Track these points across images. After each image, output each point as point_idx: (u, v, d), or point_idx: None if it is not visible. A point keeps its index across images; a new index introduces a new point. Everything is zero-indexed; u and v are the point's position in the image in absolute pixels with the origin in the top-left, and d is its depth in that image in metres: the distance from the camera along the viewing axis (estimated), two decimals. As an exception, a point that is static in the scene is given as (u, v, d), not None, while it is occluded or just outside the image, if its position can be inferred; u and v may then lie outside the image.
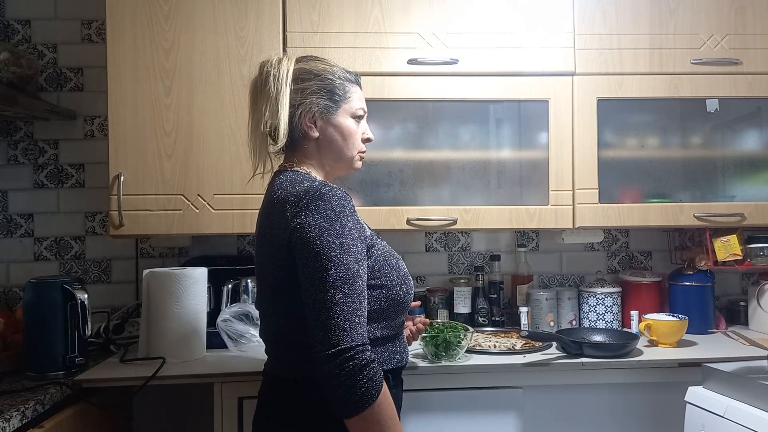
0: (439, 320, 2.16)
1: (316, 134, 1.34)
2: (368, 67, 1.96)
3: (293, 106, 1.32)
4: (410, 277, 1.39)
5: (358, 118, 1.40)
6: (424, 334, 1.83)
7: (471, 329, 1.89)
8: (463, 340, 1.82)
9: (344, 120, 1.37)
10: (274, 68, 1.31)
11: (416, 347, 1.93)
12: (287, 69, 1.32)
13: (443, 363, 1.80)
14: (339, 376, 1.12)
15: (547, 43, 2.02)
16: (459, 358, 1.83)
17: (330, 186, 1.24)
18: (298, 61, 1.36)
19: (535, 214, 2.02)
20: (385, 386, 1.18)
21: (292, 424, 1.26)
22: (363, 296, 1.19)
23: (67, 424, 1.57)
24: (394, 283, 1.31)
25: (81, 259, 2.30)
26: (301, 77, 1.33)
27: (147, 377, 1.69)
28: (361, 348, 1.14)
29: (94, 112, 2.29)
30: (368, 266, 1.26)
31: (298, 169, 1.34)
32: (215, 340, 1.91)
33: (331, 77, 1.36)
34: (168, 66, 1.92)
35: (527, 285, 2.30)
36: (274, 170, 1.40)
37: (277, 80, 1.30)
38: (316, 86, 1.34)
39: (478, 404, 1.80)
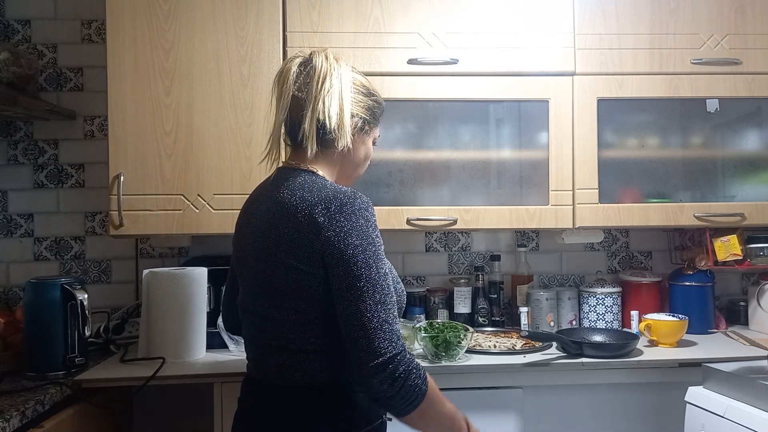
0: (439, 320, 2.16)
1: (349, 145, 1.33)
2: (368, 67, 1.96)
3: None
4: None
5: (373, 143, 1.43)
6: (424, 334, 1.84)
7: (471, 329, 1.89)
8: (463, 340, 1.82)
9: (369, 142, 1.41)
10: (335, 68, 1.29)
11: (416, 347, 1.93)
12: (350, 75, 1.32)
13: (443, 363, 1.80)
14: (393, 386, 1.13)
15: (547, 42, 2.02)
16: (459, 358, 1.83)
17: (357, 192, 1.23)
18: (353, 69, 1.36)
19: (535, 214, 2.02)
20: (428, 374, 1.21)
21: None
22: (395, 304, 1.20)
23: (67, 424, 1.57)
24: (398, 290, 1.32)
25: (81, 259, 2.30)
26: (358, 89, 1.34)
27: (147, 377, 1.69)
28: (403, 353, 1.16)
29: (94, 112, 2.29)
30: None
31: (313, 170, 1.31)
32: (215, 340, 1.91)
33: (378, 100, 1.39)
34: (168, 66, 1.92)
35: (527, 285, 2.30)
36: (279, 162, 1.35)
37: (341, 80, 1.29)
38: (368, 103, 1.36)
39: (478, 404, 1.80)
